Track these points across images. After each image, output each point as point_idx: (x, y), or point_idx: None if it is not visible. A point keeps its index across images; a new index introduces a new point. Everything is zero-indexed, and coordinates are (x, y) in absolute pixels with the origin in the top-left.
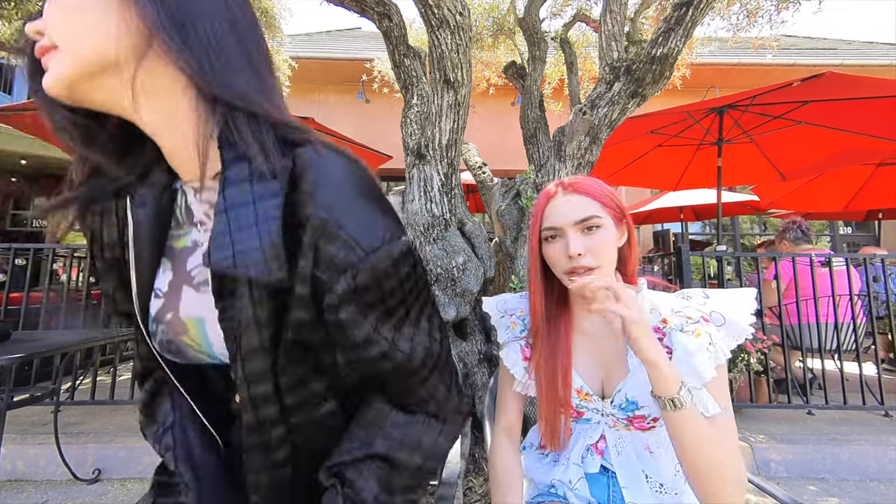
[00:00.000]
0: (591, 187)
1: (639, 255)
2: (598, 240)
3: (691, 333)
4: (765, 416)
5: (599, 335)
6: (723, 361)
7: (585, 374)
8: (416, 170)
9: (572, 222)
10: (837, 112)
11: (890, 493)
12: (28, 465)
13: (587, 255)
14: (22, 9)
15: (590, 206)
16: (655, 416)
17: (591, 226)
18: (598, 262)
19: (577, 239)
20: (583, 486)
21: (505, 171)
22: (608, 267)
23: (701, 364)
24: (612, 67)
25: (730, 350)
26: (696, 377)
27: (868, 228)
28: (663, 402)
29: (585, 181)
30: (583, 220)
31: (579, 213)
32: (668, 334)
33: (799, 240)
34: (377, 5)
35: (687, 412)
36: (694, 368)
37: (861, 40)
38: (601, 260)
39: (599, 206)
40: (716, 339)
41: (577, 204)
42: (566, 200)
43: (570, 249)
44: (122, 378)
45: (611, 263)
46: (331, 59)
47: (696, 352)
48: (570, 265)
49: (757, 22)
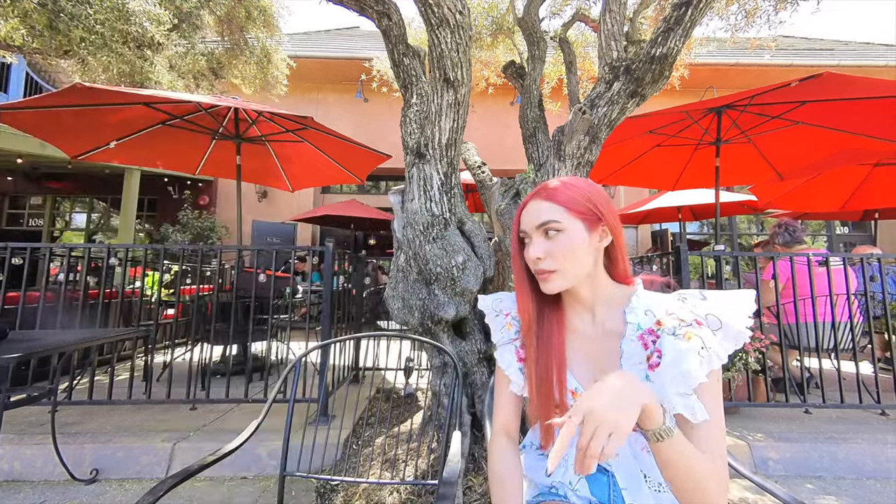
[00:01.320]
0: (558, 193)
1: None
2: (557, 244)
3: (682, 337)
4: (762, 415)
5: (593, 336)
6: (716, 367)
7: (580, 375)
8: (415, 169)
9: (534, 227)
10: (835, 112)
11: (886, 491)
12: (25, 466)
13: (546, 259)
14: (18, 7)
15: (551, 211)
16: None
17: (549, 230)
18: (557, 266)
19: (538, 243)
20: (583, 486)
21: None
22: (571, 270)
23: (690, 369)
24: (611, 67)
25: (727, 354)
26: (684, 382)
27: (865, 228)
28: (650, 435)
29: (560, 188)
30: (540, 224)
31: (539, 218)
32: (661, 337)
33: (789, 242)
34: (376, 4)
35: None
36: (683, 373)
37: (858, 41)
38: (560, 264)
39: (563, 211)
40: (709, 343)
41: (541, 209)
42: (535, 205)
43: (530, 253)
44: (119, 378)
45: (575, 266)
46: (329, 58)
47: (686, 356)
48: (533, 266)
49: (755, 22)
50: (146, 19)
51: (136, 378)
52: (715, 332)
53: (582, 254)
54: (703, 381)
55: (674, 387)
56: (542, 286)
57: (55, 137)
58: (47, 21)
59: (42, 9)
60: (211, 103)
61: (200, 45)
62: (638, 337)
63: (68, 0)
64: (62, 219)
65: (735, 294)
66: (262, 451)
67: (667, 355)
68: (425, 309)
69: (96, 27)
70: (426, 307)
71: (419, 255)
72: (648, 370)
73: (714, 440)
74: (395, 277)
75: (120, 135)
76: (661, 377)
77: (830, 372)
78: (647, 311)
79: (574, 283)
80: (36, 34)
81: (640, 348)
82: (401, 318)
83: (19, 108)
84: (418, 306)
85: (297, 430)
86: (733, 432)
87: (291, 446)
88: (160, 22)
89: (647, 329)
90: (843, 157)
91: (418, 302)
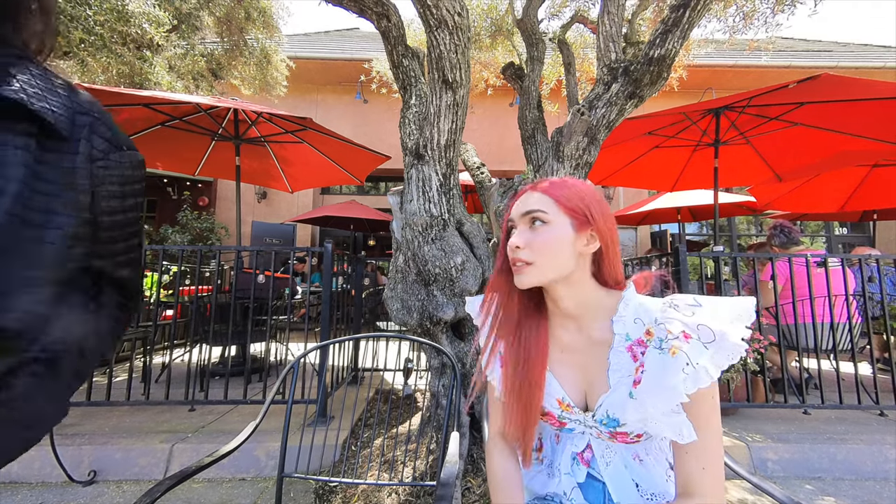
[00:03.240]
0: (552, 187)
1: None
2: (539, 236)
3: (667, 352)
4: (761, 416)
5: (578, 346)
6: (704, 385)
7: (567, 385)
8: (414, 170)
9: (519, 214)
10: (833, 113)
11: (885, 493)
12: (23, 467)
13: (525, 250)
14: None
15: (540, 202)
16: (639, 433)
17: (534, 219)
18: (534, 259)
19: (522, 233)
20: (577, 495)
21: (502, 172)
22: (548, 265)
23: (676, 386)
24: (609, 68)
25: (719, 370)
26: (668, 400)
27: (863, 229)
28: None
29: (555, 183)
30: (527, 212)
31: (527, 206)
32: (648, 348)
33: (786, 244)
34: (376, 5)
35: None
36: (666, 390)
37: (856, 42)
38: (538, 257)
39: (552, 204)
40: (696, 358)
41: (531, 199)
42: (527, 195)
43: (511, 241)
44: (118, 379)
45: (553, 262)
46: (329, 59)
47: (669, 373)
48: (510, 255)
49: (753, 24)
50: (145, 20)
51: (135, 379)
52: (707, 346)
53: (563, 251)
54: (685, 401)
55: (658, 405)
56: (516, 278)
57: None
58: None
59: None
60: (210, 104)
61: (200, 46)
62: (627, 348)
63: (68, 1)
64: None
65: (732, 302)
66: (260, 452)
67: (648, 371)
68: (424, 310)
69: (96, 28)
70: (425, 308)
71: (418, 255)
72: (633, 386)
73: (709, 460)
74: (393, 278)
75: None
76: (644, 395)
77: (829, 373)
78: (637, 318)
79: (548, 281)
80: None
81: (628, 359)
82: (399, 318)
83: None
84: (417, 307)
85: (295, 431)
86: (732, 433)
87: (290, 447)
88: (159, 23)
89: (636, 339)
90: (841, 159)
91: (417, 303)
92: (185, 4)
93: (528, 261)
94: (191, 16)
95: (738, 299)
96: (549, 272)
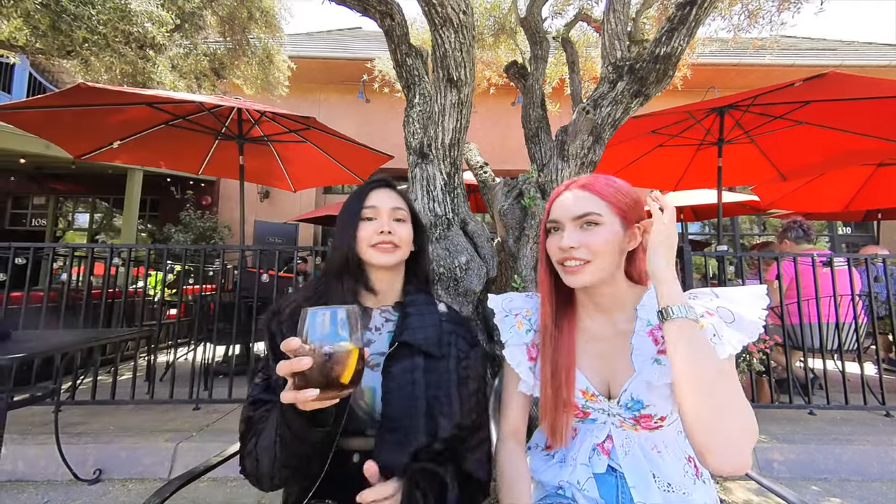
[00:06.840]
0: (601, 187)
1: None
2: (594, 236)
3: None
4: (766, 416)
5: (604, 336)
6: (728, 353)
7: (591, 375)
8: (418, 169)
9: (571, 217)
10: (838, 112)
11: (892, 494)
12: (28, 466)
13: (581, 249)
14: (21, 7)
15: (593, 203)
16: (662, 415)
17: (588, 222)
18: (592, 258)
19: (573, 233)
20: (591, 486)
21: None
22: (603, 263)
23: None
24: (615, 66)
25: (741, 345)
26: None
27: (867, 229)
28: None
29: (601, 181)
30: (580, 215)
31: (579, 208)
32: None
33: (800, 239)
34: (379, 4)
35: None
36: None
37: (861, 41)
38: (595, 256)
39: (605, 206)
40: (721, 331)
41: (581, 199)
42: (572, 196)
43: (563, 242)
44: (122, 378)
45: (608, 261)
46: (331, 58)
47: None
48: (562, 255)
49: (758, 23)
50: (148, 20)
51: (139, 378)
52: (728, 325)
53: (615, 251)
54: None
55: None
56: (569, 279)
57: (59, 138)
58: (50, 21)
59: (45, 9)
60: (214, 103)
61: (202, 46)
62: (648, 332)
63: (71, 1)
64: (65, 219)
65: (746, 289)
66: None
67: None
68: None
69: (99, 28)
70: None
71: None
72: (658, 354)
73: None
74: None
75: (123, 135)
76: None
77: (834, 373)
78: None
79: (600, 280)
80: (39, 34)
81: (650, 343)
82: None
83: (23, 109)
84: None
85: None
86: None
87: None
88: (162, 23)
89: (657, 325)
90: (846, 158)
91: None
92: (188, 4)
93: (585, 259)
94: (193, 15)
95: (751, 286)
96: (603, 271)
